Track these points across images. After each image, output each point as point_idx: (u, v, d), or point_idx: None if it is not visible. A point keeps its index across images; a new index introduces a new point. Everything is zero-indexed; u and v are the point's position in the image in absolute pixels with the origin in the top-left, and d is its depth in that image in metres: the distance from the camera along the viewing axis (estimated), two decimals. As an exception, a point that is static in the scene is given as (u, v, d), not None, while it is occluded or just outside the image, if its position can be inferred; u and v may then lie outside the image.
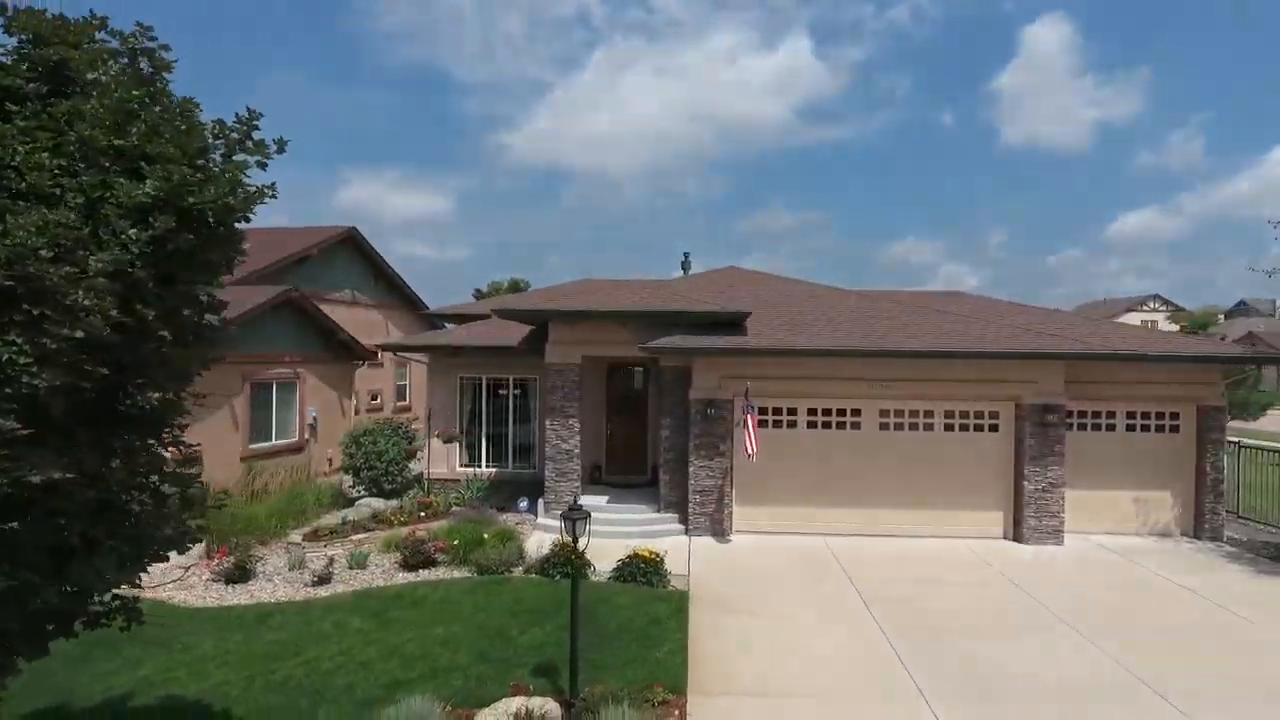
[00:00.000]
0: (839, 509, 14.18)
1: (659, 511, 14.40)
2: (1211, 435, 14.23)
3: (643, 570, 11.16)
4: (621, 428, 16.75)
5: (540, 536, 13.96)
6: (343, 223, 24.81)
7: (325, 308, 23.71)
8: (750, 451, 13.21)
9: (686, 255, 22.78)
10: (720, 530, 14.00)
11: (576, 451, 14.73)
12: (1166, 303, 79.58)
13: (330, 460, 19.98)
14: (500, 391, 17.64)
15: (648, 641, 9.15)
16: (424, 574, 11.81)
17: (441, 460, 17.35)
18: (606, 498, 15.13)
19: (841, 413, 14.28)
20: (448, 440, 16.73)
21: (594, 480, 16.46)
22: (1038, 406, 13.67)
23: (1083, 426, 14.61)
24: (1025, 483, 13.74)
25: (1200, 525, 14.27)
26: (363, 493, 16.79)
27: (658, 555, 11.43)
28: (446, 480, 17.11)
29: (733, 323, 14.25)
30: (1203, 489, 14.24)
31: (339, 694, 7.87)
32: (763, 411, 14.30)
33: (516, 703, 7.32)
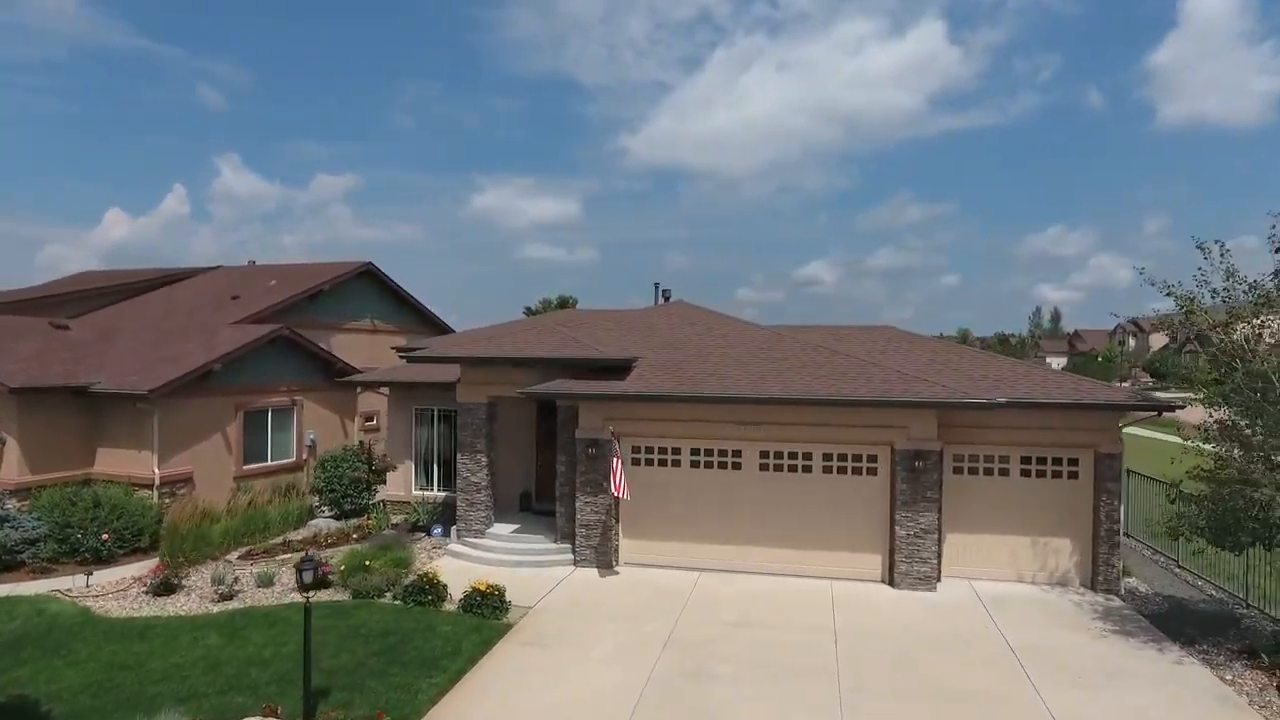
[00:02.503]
0: (721, 546, 14.73)
1: (555, 542, 15.46)
2: (1107, 483, 13.75)
3: (481, 603, 12.31)
4: (549, 459, 17.84)
5: (446, 562, 15.37)
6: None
7: (344, 336, 26.24)
8: (616, 491, 14.04)
9: (658, 285, 23.77)
10: (606, 563, 14.89)
11: (485, 484, 16.06)
12: (1309, 304, 71.37)
13: (326, 478, 22.20)
14: (455, 421, 19.13)
15: (430, 671, 10.30)
16: (313, 595, 13.42)
17: (398, 484, 19.09)
18: (515, 527, 16.34)
19: (723, 453, 14.82)
20: (384, 469, 18.44)
21: (524, 508, 17.70)
22: (909, 452, 13.72)
23: (974, 470, 14.48)
24: (897, 528, 13.82)
25: (1096, 576, 13.82)
26: (327, 512, 18.78)
27: (497, 588, 12.53)
28: (402, 502, 18.83)
29: (622, 367, 15.09)
30: (1098, 539, 13.79)
31: (144, 702, 9.50)
32: (648, 451, 15.10)
33: (251, 722, 8.68)
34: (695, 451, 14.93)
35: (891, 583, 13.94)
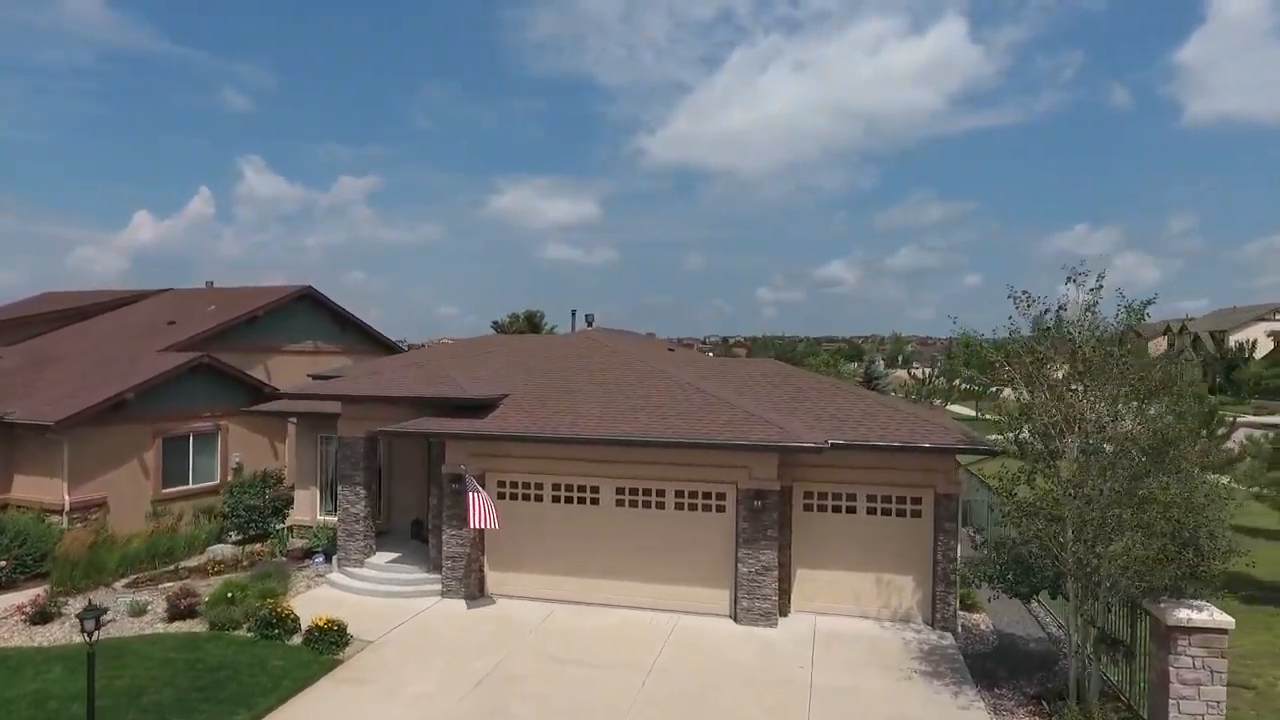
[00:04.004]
0: (581, 579, 15.18)
1: (429, 572, 15.99)
2: (945, 523, 14.02)
3: (320, 637, 12.86)
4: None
5: (322, 591, 15.96)
6: (300, 281, 27.95)
7: (283, 358, 26.94)
8: (475, 524, 14.54)
9: (575, 312, 24.35)
10: (472, 594, 15.40)
11: (363, 514, 16.64)
12: (1306, 311, 70.26)
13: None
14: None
15: (237, 708, 10.86)
16: (178, 625, 14.10)
17: (305, 509, 19.71)
18: (395, 556, 16.89)
19: (582, 488, 15.28)
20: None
21: (415, 535, 18.22)
22: (750, 491, 14.09)
23: (824, 508, 14.82)
24: (740, 565, 14.20)
25: (935, 613, 14.11)
26: (234, 536, 19.46)
27: (337, 623, 13.06)
28: (307, 527, 19.44)
29: (487, 404, 15.59)
30: (936, 577, 14.07)
31: (-43, 738, 10.16)
32: (513, 485, 15.61)
33: (36, 761, 9.28)
34: (556, 486, 15.41)
35: (735, 618, 14.32)
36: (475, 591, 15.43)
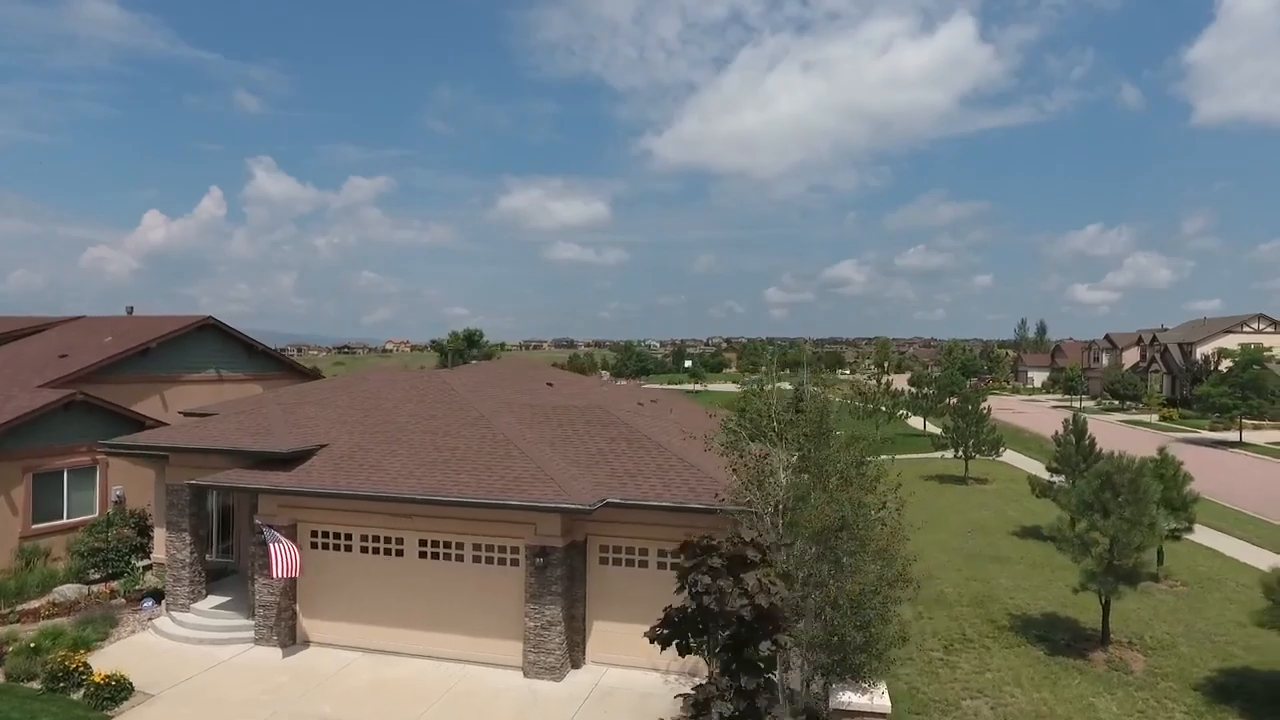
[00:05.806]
0: (388, 629, 15.51)
1: (249, 618, 16.34)
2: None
3: (96, 692, 13.22)
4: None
5: (144, 637, 16.34)
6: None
7: (183, 388, 27.36)
8: (276, 573, 14.91)
9: (501, 344, 24.51)
10: (284, 641, 15.75)
11: (189, 560, 17.06)
12: (1276, 323, 69.80)
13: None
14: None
15: (-22, 772, 11.23)
16: (-20, 675, 14.48)
17: (162, 548, 20.09)
18: (224, 600, 17.27)
19: (388, 540, 15.60)
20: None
21: (258, 576, 18.60)
22: (534, 548, 14.37)
23: (618, 561, 15.09)
24: (527, 619, 14.49)
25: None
26: (95, 575, 19.87)
27: (116, 678, 13.39)
28: (162, 565, 19.83)
29: (298, 458, 15.93)
30: (717, 633, 14.26)
31: None
32: (324, 535, 15.96)
33: None
34: (364, 538, 15.73)
35: (525, 672, 14.59)
36: (287, 639, 15.77)
